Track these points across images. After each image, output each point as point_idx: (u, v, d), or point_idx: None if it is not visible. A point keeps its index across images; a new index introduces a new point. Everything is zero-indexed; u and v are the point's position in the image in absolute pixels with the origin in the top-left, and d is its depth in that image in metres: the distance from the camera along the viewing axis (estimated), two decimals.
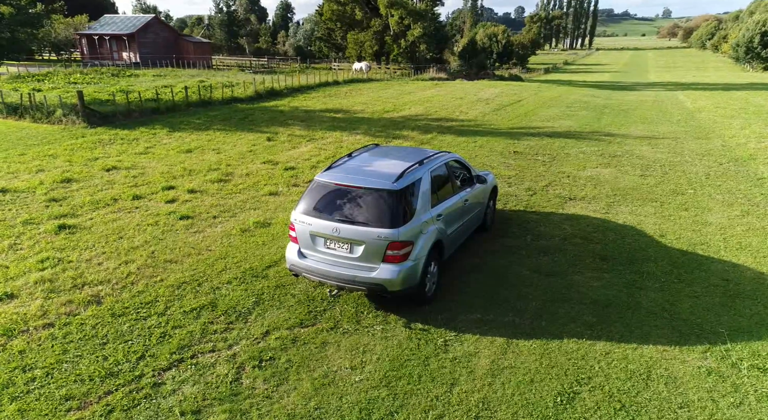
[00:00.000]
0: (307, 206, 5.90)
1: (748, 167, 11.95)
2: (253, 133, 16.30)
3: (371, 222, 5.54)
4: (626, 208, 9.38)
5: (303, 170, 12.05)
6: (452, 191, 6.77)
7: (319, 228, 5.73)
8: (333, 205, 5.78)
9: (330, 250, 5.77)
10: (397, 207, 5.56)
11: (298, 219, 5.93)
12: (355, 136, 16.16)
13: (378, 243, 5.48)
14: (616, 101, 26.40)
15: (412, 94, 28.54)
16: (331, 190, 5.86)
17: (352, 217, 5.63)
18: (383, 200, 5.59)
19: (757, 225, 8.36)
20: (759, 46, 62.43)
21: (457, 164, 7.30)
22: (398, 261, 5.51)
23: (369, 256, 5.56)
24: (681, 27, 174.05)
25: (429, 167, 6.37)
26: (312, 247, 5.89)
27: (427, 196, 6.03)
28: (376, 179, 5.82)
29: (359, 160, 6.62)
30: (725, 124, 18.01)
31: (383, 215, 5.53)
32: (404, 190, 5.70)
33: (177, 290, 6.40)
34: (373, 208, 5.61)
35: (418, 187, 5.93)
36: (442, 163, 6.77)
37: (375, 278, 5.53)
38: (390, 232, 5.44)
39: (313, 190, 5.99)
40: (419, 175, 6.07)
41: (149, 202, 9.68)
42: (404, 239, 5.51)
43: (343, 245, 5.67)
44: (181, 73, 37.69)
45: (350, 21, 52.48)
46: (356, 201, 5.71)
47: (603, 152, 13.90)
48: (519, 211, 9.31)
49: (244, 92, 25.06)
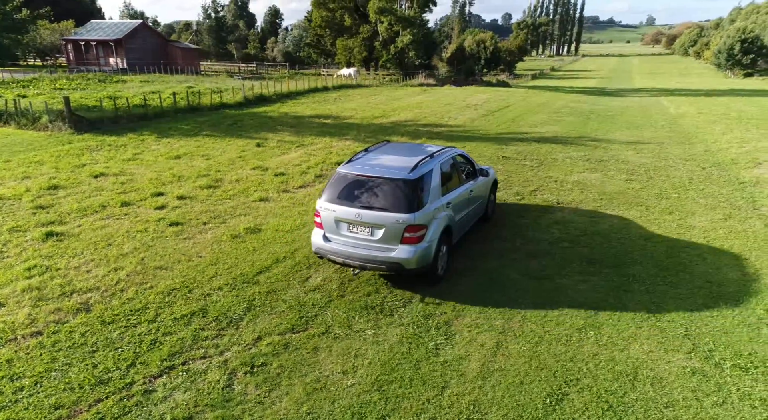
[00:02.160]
0: (331, 195, 6.52)
1: (729, 172, 12.22)
2: (243, 139, 16.28)
3: (390, 208, 6.17)
4: (612, 212, 9.54)
5: (293, 176, 12.07)
6: (459, 183, 7.40)
7: (343, 214, 6.35)
8: (355, 194, 6.40)
9: (353, 234, 6.40)
10: (412, 194, 6.20)
11: (323, 206, 6.54)
12: (344, 142, 16.22)
13: (397, 226, 6.13)
14: (602, 107, 26.82)
15: (401, 100, 28.72)
16: (353, 180, 6.49)
17: (373, 204, 6.27)
18: (399, 189, 6.24)
19: (739, 228, 8.56)
20: (739, 53, 63.89)
21: (462, 159, 7.91)
22: (414, 242, 6.16)
23: (388, 238, 6.20)
24: (664, 34, 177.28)
25: (439, 160, 7.00)
26: (336, 232, 6.51)
27: (437, 186, 6.66)
28: (393, 170, 6.46)
29: (375, 154, 7.28)
30: (708, 130, 18.40)
31: (401, 202, 6.16)
32: (419, 179, 6.35)
33: (167, 297, 6.38)
34: (392, 195, 6.24)
35: (430, 177, 6.55)
36: (449, 157, 7.41)
37: (394, 258, 6.16)
38: (407, 217, 6.09)
39: (337, 180, 6.61)
40: (431, 166, 6.69)
41: (138, 208, 9.62)
42: (420, 223, 6.16)
43: (365, 229, 6.31)
44: (169, 79, 37.53)
45: (339, 27, 52.68)
46: (376, 189, 6.35)
47: (589, 157, 14.12)
48: (508, 215, 9.42)
49: (233, 98, 25.02)
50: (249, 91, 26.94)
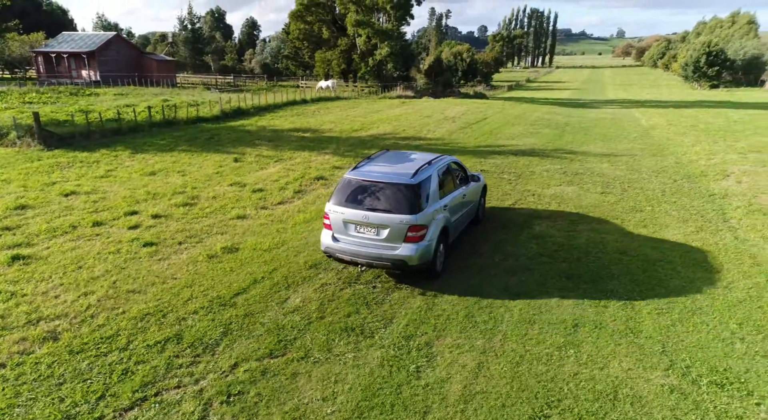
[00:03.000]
0: (339, 199, 7.08)
1: (700, 184, 12.56)
2: (220, 154, 16.06)
3: (394, 210, 6.76)
4: (589, 226, 9.68)
5: (271, 192, 11.93)
6: (453, 187, 8.02)
7: (351, 216, 6.92)
8: (362, 197, 6.97)
9: (360, 234, 6.96)
10: (414, 198, 6.80)
11: (332, 209, 7.10)
12: (324, 156, 16.15)
13: (400, 226, 6.71)
14: (577, 119, 27.41)
15: (380, 113, 28.84)
16: (359, 185, 7.06)
17: (378, 207, 6.84)
18: (402, 193, 6.83)
19: (710, 241, 8.77)
20: (705, 65, 66.30)
21: (456, 166, 8.59)
22: (416, 241, 6.76)
23: (393, 237, 6.77)
24: (634, 46, 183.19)
25: (436, 167, 7.62)
26: (344, 232, 7.07)
27: (436, 190, 7.28)
28: (396, 176, 7.06)
29: (378, 161, 7.87)
30: (678, 142, 18.95)
31: (404, 204, 6.76)
32: (419, 184, 6.95)
33: (140, 322, 6.17)
34: (395, 199, 6.83)
35: (429, 182, 7.17)
36: (445, 164, 8.03)
37: (398, 255, 6.75)
38: (410, 218, 6.69)
39: (344, 185, 7.18)
40: (430, 172, 7.32)
41: (111, 228, 9.35)
42: (421, 223, 6.76)
43: (371, 229, 6.88)
44: (144, 91, 36.94)
45: (317, 40, 52.83)
46: (380, 193, 6.93)
47: (566, 170, 14.36)
48: (488, 229, 9.46)
49: (209, 111, 24.73)
50: (226, 104, 26.69)
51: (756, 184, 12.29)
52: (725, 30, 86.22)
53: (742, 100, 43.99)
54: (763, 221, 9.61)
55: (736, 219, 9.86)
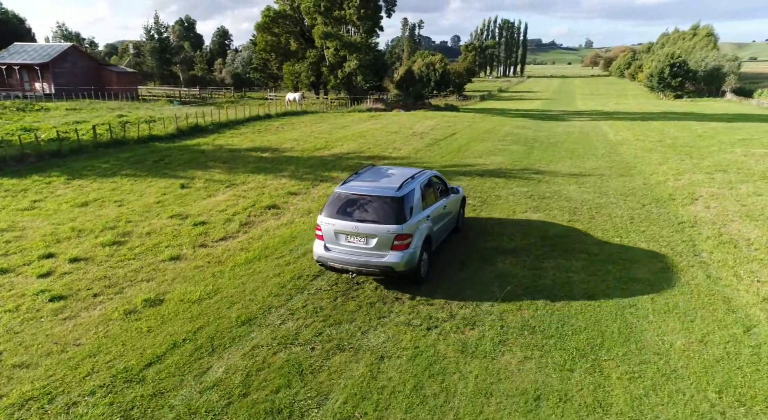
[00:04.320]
0: (331, 211, 7.58)
1: (668, 209, 12.09)
2: (167, 179, 14.91)
3: (382, 220, 7.30)
4: (555, 262, 8.99)
5: (215, 225, 10.90)
6: (435, 199, 8.64)
7: (342, 227, 7.43)
8: (351, 210, 7.49)
9: (350, 244, 7.46)
10: (400, 209, 7.36)
11: (324, 221, 7.58)
12: (279, 180, 15.18)
13: (388, 236, 7.24)
14: (546, 133, 27.15)
15: (346, 129, 28.02)
16: (348, 198, 7.59)
17: (367, 218, 7.38)
18: (388, 205, 7.39)
19: (682, 280, 8.16)
20: (669, 76, 68.04)
21: (437, 179, 9.21)
22: (402, 249, 7.28)
23: (381, 246, 7.28)
24: (602, 57, 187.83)
25: (419, 181, 8.26)
26: (335, 242, 7.55)
27: (419, 202, 7.85)
28: (383, 189, 7.64)
29: (365, 177, 8.47)
30: (645, 159, 18.67)
31: (391, 215, 7.31)
32: (404, 196, 7.53)
33: (18, 412, 5.09)
34: (382, 210, 7.38)
35: (412, 195, 7.75)
36: (427, 177, 8.69)
37: (386, 262, 7.25)
38: (397, 228, 7.24)
39: (335, 199, 7.69)
40: (413, 186, 7.93)
41: (16, 277, 8.17)
42: (406, 232, 7.30)
43: (360, 239, 7.38)
44: (100, 106, 35.22)
45: (285, 51, 51.81)
46: (369, 206, 7.47)
47: (532, 193, 13.75)
48: (447, 267, 8.65)
49: (164, 129, 23.45)
50: (183, 121, 25.40)
51: (724, 209, 11.88)
52: (687, 42, 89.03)
53: (705, 111, 44.96)
54: (735, 256, 9.08)
55: (707, 252, 9.32)
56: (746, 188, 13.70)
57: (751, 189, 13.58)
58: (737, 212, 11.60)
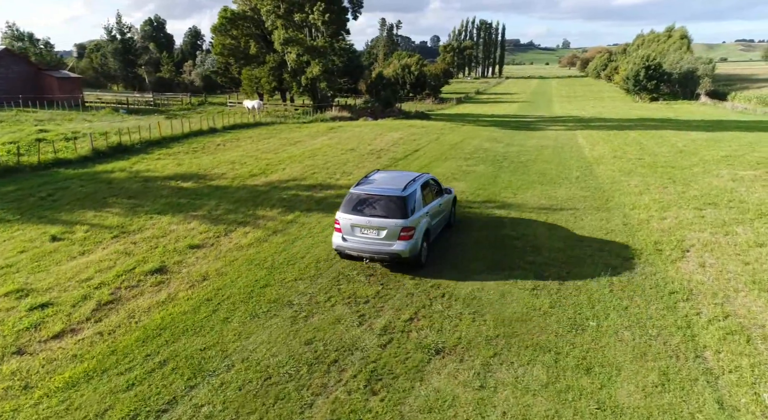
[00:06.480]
0: (348, 208, 9.40)
1: (655, 268, 9.71)
2: (40, 226, 11.99)
3: (390, 215, 9.10)
4: (509, 372, 6.48)
5: (61, 308, 8.10)
6: (432, 198, 10.35)
7: (357, 221, 9.25)
8: (364, 206, 9.33)
9: (364, 235, 9.24)
10: (405, 206, 9.18)
11: (342, 216, 9.37)
12: (188, 224, 12.39)
13: (395, 228, 9.01)
14: (517, 148, 24.86)
15: (297, 145, 25.25)
16: (362, 197, 9.43)
17: (378, 213, 9.18)
18: (395, 203, 9.21)
19: (684, 410, 5.70)
20: (644, 79, 67.06)
21: (433, 182, 10.84)
22: (407, 239, 9.04)
23: (389, 236, 9.05)
24: (579, 57, 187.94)
25: (419, 182, 10.02)
26: (351, 234, 9.32)
27: (420, 200, 9.65)
28: (390, 190, 9.47)
29: (374, 179, 10.26)
30: (624, 187, 16.39)
31: (397, 211, 9.13)
32: (408, 195, 9.36)
33: None
34: (391, 207, 9.19)
35: (415, 194, 9.57)
36: (425, 180, 10.38)
37: (394, 250, 9.01)
38: (403, 222, 9.03)
39: (351, 198, 9.49)
40: (415, 187, 9.74)
41: None
42: (410, 225, 9.09)
43: (372, 231, 9.17)
44: (28, 116, 31.65)
45: (245, 55, 48.64)
46: (379, 203, 9.29)
47: (493, 239, 11.28)
48: (354, 384, 6.05)
49: (77, 152, 20.27)
50: (102, 140, 22.22)
51: (724, 268, 9.57)
52: (662, 44, 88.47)
53: (682, 117, 43.56)
54: (750, 359, 6.69)
55: (712, 350, 6.92)
56: (744, 233, 11.45)
57: (750, 235, 11.32)
58: (740, 274, 9.28)
